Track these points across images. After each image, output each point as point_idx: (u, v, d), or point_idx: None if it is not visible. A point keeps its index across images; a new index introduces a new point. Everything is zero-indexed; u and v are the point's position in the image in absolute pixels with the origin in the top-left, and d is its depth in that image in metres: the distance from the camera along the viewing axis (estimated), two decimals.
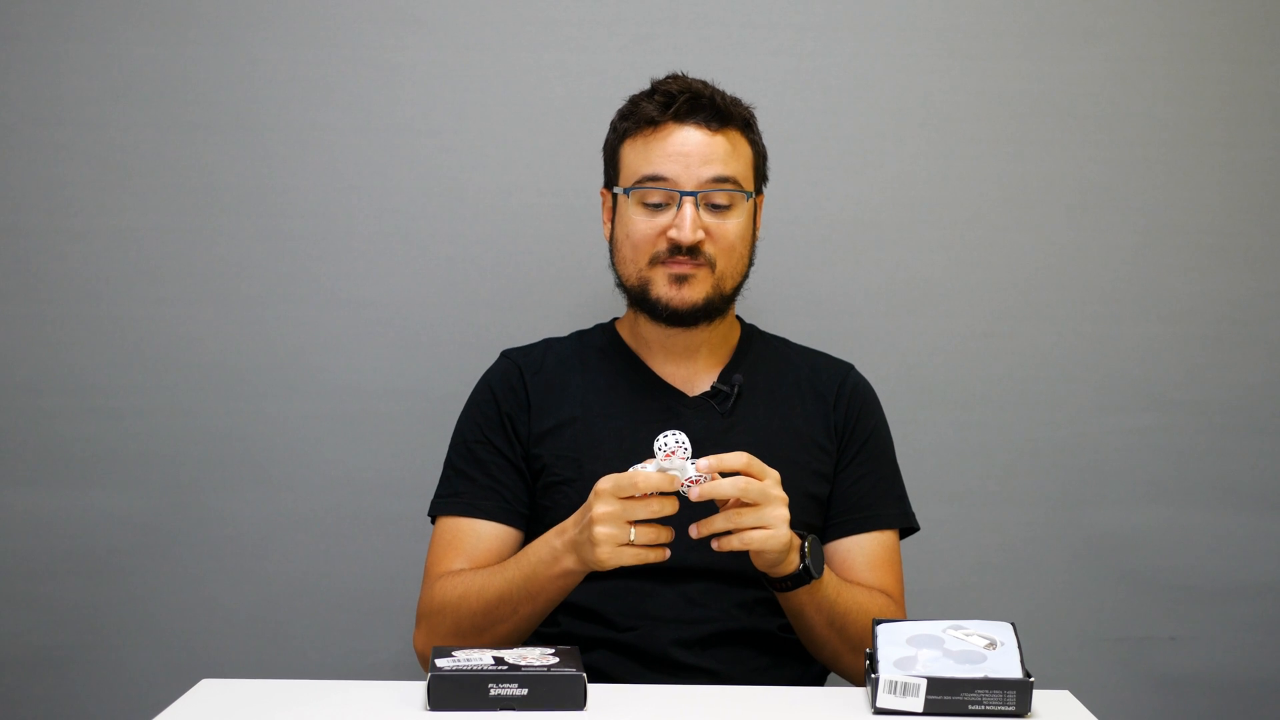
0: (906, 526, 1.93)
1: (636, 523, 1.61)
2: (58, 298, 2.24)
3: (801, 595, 1.72)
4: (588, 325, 2.01)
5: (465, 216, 2.25)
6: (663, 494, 1.60)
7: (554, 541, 1.70)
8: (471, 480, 1.87)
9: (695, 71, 1.94)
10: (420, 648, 1.84)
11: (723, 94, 1.87)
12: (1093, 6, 2.27)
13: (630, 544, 1.61)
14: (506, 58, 2.25)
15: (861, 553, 1.88)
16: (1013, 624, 1.56)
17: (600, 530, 1.61)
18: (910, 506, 1.94)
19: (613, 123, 1.91)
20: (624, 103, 1.90)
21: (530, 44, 2.24)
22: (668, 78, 1.88)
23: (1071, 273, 2.29)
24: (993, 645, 1.53)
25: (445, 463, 1.92)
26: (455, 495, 1.88)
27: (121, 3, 2.22)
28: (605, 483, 1.61)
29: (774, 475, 1.64)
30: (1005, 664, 1.51)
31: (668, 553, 1.62)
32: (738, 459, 1.62)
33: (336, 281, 2.25)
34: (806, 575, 1.69)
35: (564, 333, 2.01)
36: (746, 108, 1.89)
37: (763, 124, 2.22)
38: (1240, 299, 2.30)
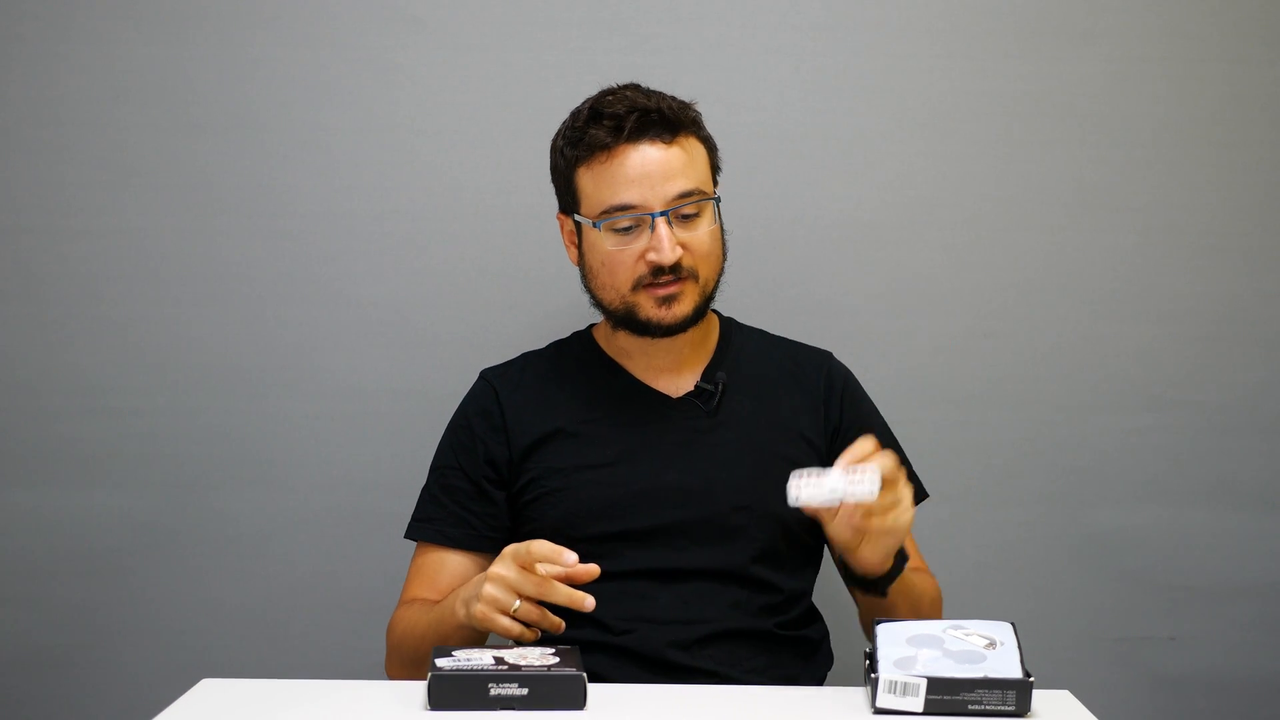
0: (921, 495, 1.94)
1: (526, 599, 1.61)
2: (58, 298, 2.24)
3: (893, 588, 1.74)
4: (582, 330, 2.00)
5: (465, 217, 2.25)
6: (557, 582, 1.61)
7: (459, 592, 1.73)
8: (442, 506, 1.91)
9: (696, 71, 1.94)
10: (387, 671, 1.89)
11: (668, 101, 1.83)
12: (1092, 6, 2.27)
13: (511, 615, 1.61)
14: (506, 58, 2.25)
15: None
16: (1012, 624, 1.56)
17: (488, 589, 1.63)
18: (916, 475, 1.95)
19: (558, 147, 1.87)
20: (565, 121, 1.87)
21: (530, 44, 2.24)
22: (607, 95, 1.84)
23: (1071, 273, 2.29)
24: (992, 645, 1.53)
25: (424, 485, 1.95)
26: (428, 521, 1.92)
27: (121, 3, 2.22)
28: (509, 548, 1.63)
29: (891, 455, 1.61)
30: (1005, 664, 1.51)
31: (537, 634, 1.63)
32: (866, 445, 1.60)
33: (336, 281, 2.25)
34: (898, 570, 1.71)
35: (564, 333, 2.01)
36: (692, 108, 1.85)
37: (763, 124, 2.24)
38: (1240, 299, 2.30)
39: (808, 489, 1.55)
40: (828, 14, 2.26)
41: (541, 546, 1.60)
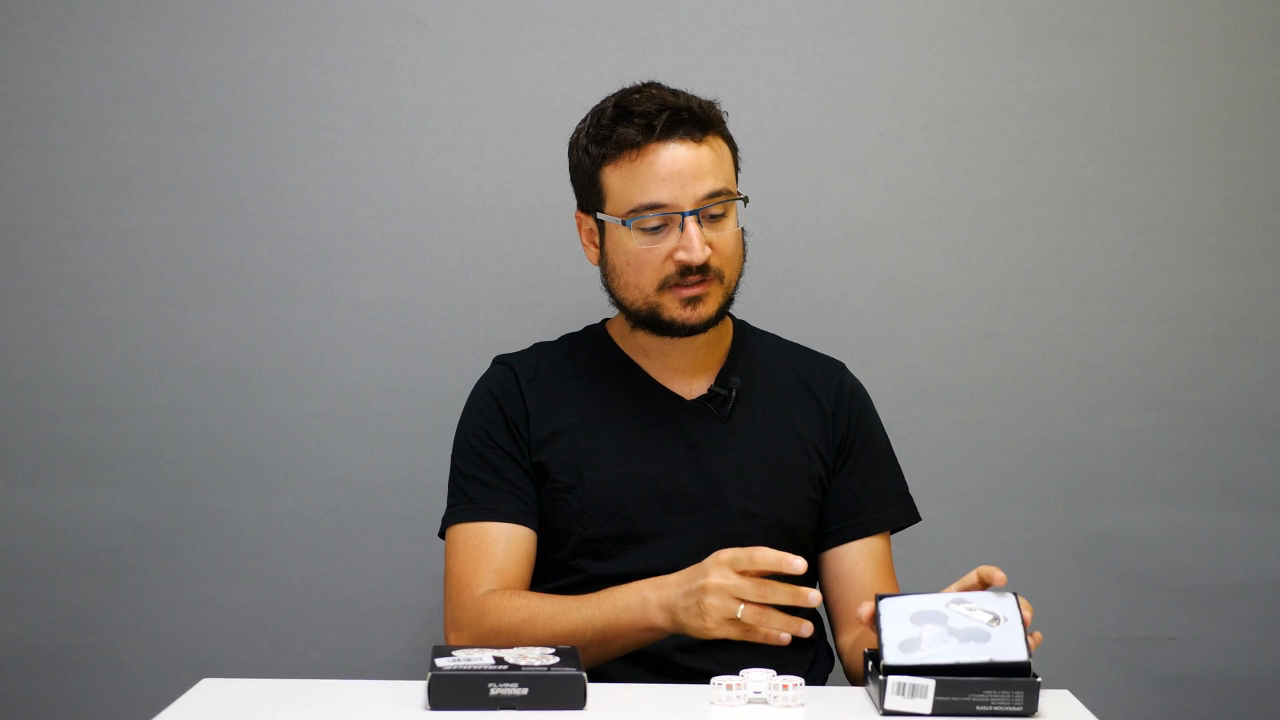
0: (915, 520, 1.95)
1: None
2: (58, 298, 2.24)
3: None
4: (595, 325, 2.00)
5: (465, 217, 2.25)
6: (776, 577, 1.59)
7: (647, 594, 1.68)
8: (487, 485, 1.85)
9: (697, 71, 1.94)
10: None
11: (695, 100, 1.82)
12: (1093, 7, 2.27)
13: (736, 620, 1.59)
14: (506, 58, 2.25)
15: (873, 558, 1.88)
16: (1015, 594, 1.56)
17: (711, 601, 1.59)
18: (911, 499, 1.95)
19: (581, 145, 1.84)
20: (586, 119, 1.85)
21: (530, 44, 2.24)
22: (633, 93, 1.83)
23: (1071, 273, 2.29)
24: (996, 621, 1.53)
25: (453, 473, 1.89)
26: (472, 502, 1.85)
27: (121, 3, 2.22)
28: (724, 554, 1.61)
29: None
30: (1009, 642, 1.50)
31: (779, 637, 1.60)
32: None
33: (336, 281, 2.25)
34: None
35: (564, 332, 2.01)
36: (717, 106, 1.84)
37: (763, 124, 2.24)
38: (1240, 299, 2.30)
39: (728, 704, 1.54)
40: (828, 14, 2.26)
41: (766, 555, 1.59)
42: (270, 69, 2.23)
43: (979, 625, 1.53)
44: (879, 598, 1.57)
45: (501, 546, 1.82)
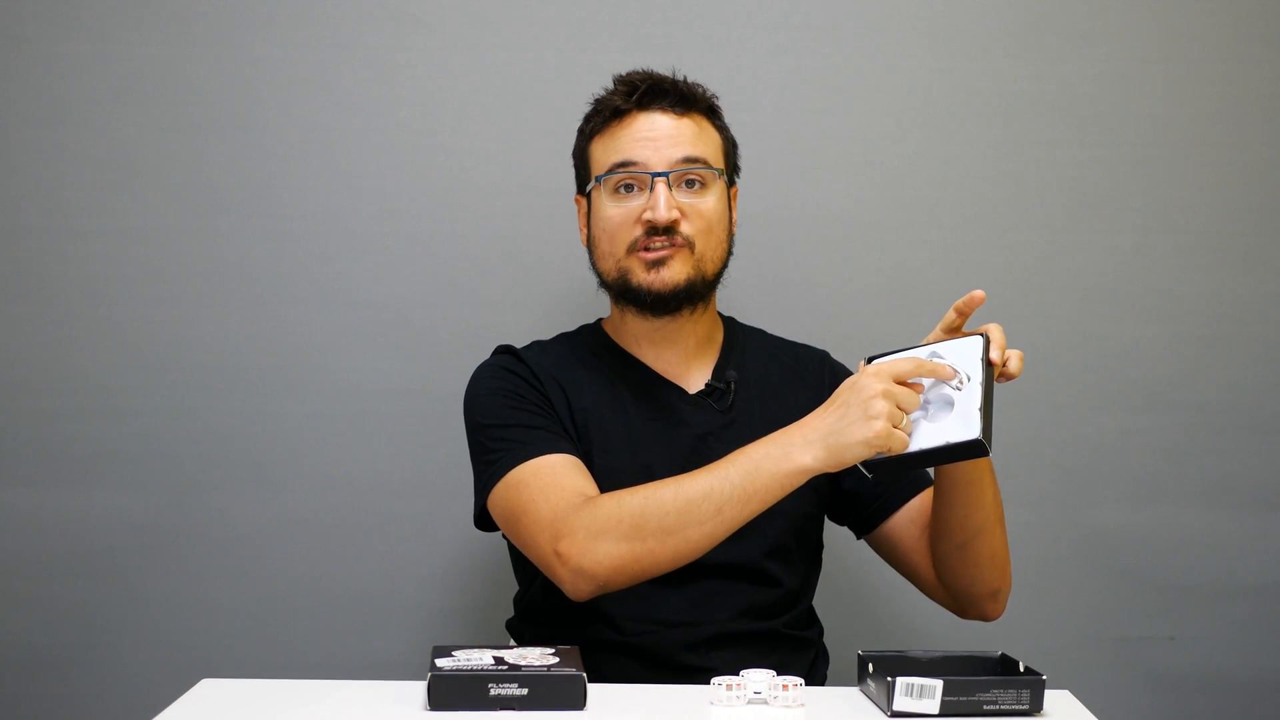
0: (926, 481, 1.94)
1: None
2: (58, 298, 2.24)
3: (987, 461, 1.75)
4: (590, 324, 2.00)
5: (465, 216, 2.26)
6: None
7: (788, 438, 1.63)
8: (533, 428, 1.80)
9: (696, 71, 1.94)
10: (576, 552, 1.66)
11: (686, 81, 1.87)
12: (1092, 6, 2.28)
13: (900, 429, 1.58)
14: (507, 58, 2.25)
15: (925, 511, 1.89)
16: (984, 335, 1.64)
17: (881, 405, 1.57)
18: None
19: (579, 129, 1.91)
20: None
21: (530, 44, 2.24)
22: (630, 72, 1.88)
23: (1070, 273, 2.29)
24: (961, 384, 1.60)
25: (482, 438, 1.82)
26: (523, 445, 1.77)
27: (121, 3, 2.22)
28: (878, 365, 1.61)
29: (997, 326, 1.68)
30: (962, 419, 1.57)
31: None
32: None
33: (336, 281, 2.26)
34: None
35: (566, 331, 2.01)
36: (710, 95, 1.89)
37: (763, 124, 2.24)
38: (1238, 299, 2.30)
39: (728, 704, 1.54)
40: (828, 14, 2.26)
41: (923, 364, 1.60)
42: (270, 69, 2.23)
43: (947, 390, 1.60)
44: (868, 359, 1.64)
45: (576, 471, 1.76)
